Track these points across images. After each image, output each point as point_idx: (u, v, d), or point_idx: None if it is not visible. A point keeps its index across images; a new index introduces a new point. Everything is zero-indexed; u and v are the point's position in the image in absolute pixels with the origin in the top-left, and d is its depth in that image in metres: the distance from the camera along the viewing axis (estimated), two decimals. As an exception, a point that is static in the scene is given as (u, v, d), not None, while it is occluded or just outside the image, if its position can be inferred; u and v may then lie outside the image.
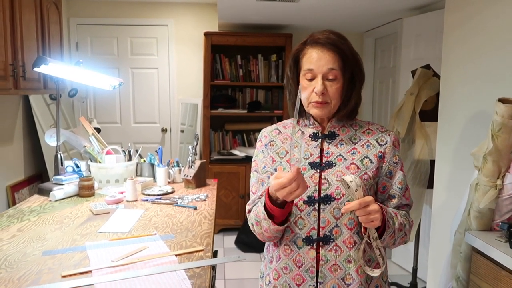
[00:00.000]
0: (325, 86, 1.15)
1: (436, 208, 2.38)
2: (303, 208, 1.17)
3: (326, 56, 1.15)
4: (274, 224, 1.14)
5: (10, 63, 2.24)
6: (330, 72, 1.15)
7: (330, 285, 1.16)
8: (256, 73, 4.25)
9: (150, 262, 1.35)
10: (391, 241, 1.17)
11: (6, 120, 2.95)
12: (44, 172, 3.40)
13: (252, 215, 1.23)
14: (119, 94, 4.33)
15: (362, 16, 3.55)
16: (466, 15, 2.09)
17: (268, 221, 1.13)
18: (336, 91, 1.16)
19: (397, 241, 1.19)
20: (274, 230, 1.15)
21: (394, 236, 1.16)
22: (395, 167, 1.21)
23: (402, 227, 1.18)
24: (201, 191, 2.33)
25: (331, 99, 1.17)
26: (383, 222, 1.11)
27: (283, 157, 1.24)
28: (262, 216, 1.15)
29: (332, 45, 1.15)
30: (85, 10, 4.18)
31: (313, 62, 1.16)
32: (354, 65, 1.19)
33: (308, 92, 1.17)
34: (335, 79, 1.16)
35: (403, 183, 1.22)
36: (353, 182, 1.06)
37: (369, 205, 1.05)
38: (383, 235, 1.13)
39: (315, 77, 1.16)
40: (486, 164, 1.63)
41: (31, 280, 1.23)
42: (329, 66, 1.15)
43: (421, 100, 2.64)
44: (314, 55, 1.16)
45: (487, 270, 1.56)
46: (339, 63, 1.16)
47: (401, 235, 1.18)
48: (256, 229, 1.22)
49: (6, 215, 1.86)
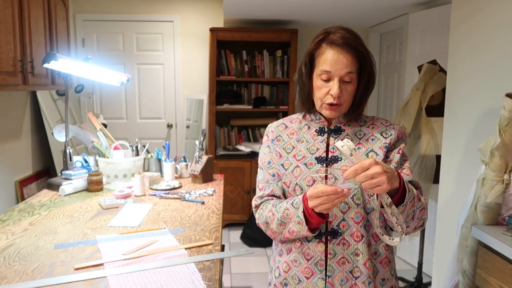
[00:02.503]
0: (341, 89, 1.15)
1: (442, 203, 2.39)
2: None
3: (344, 59, 1.13)
4: (309, 230, 1.13)
5: (19, 59, 2.26)
6: (347, 75, 1.14)
7: (338, 278, 1.17)
8: (262, 69, 4.25)
9: (160, 256, 1.37)
10: (411, 211, 1.08)
11: (15, 116, 2.97)
12: (51, 167, 3.43)
13: (269, 213, 1.21)
14: (125, 90, 4.35)
15: (368, 11, 3.54)
16: (473, 10, 2.09)
17: (304, 226, 1.12)
18: (350, 93, 1.17)
19: (416, 215, 1.11)
20: (304, 235, 1.15)
21: (414, 204, 1.08)
22: (393, 152, 1.21)
23: (420, 196, 1.12)
24: (208, 186, 2.35)
25: (344, 101, 1.17)
26: (401, 186, 1.03)
27: (290, 152, 1.25)
28: (297, 220, 1.13)
29: (350, 47, 1.14)
30: (91, 6, 4.20)
31: (330, 64, 1.14)
32: (371, 67, 1.18)
33: (323, 93, 1.17)
34: (350, 82, 1.16)
35: (398, 163, 1.19)
36: (345, 146, 0.98)
37: (370, 168, 0.96)
38: (402, 202, 1.04)
39: (332, 79, 1.15)
40: (493, 158, 1.64)
41: (45, 272, 1.25)
42: (347, 69, 1.13)
43: (427, 96, 2.64)
44: (331, 56, 1.14)
45: (493, 264, 1.57)
46: (357, 66, 1.15)
47: (420, 206, 1.11)
48: (275, 228, 1.19)
49: (17, 209, 1.88)
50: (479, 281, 1.66)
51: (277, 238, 1.24)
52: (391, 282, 1.23)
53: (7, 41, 2.15)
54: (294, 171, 1.20)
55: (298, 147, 1.25)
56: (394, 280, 1.25)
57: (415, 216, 1.12)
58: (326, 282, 1.18)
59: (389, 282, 1.23)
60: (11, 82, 2.20)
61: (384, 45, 4.20)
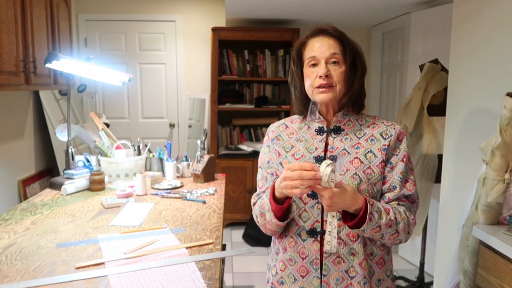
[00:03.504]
0: (328, 69, 1.18)
1: (443, 202, 2.39)
2: (307, 201, 1.19)
3: (327, 43, 1.20)
4: (275, 218, 1.17)
5: (21, 59, 2.27)
6: (332, 56, 1.18)
7: (334, 277, 1.18)
8: (264, 68, 4.26)
9: (161, 255, 1.38)
10: (377, 235, 1.13)
11: (18, 116, 2.99)
12: (54, 167, 3.45)
13: (257, 207, 1.27)
14: (127, 90, 4.36)
15: (369, 10, 3.54)
16: (475, 9, 2.08)
17: (271, 213, 1.17)
18: (340, 74, 1.19)
19: (386, 237, 1.15)
20: (275, 224, 1.19)
21: (380, 231, 1.12)
22: (396, 158, 1.20)
23: (392, 223, 1.13)
24: (209, 185, 2.36)
25: (336, 82, 1.19)
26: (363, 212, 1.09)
27: (289, 151, 1.26)
28: (267, 208, 1.18)
29: (332, 30, 1.21)
30: (93, 6, 4.21)
31: (315, 49, 1.20)
32: (355, 50, 1.22)
33: (312, 78, 1.20)
34: (338, 62, 1.19)
35: (403, 173, 1.19)
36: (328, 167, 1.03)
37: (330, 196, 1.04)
38: (361, 225, 1.10)
39: (318, 63, 1.19)
40: (494, 158, 1.63)
41: (46, 271, 1.26)
42: (331, 50, 1.18)
43: (429, 95, 2.63)
44: (316, 43, 1.21)
45: (494, 263, 1.57)
46: (340, 47, 1.20)
47: (390, 231, 1.13)
48: (260, 221, 1.25)
49: (19, 208, 1.89)
50: (480, 280, 1.66)
51: (267, 232, 1.26)
52: (387, 283, 1.23)
53: (10, 41, 2.16)
54: None
55: (297, 146, 1.25)
56: (390, 281, 1.25)
57: (384, 238, 1.16)
58: (322, 281, 1.18)
59: (385, 283, 1.22)
60: (14, 82, 2.21)
61: (386, 44, 4.19)
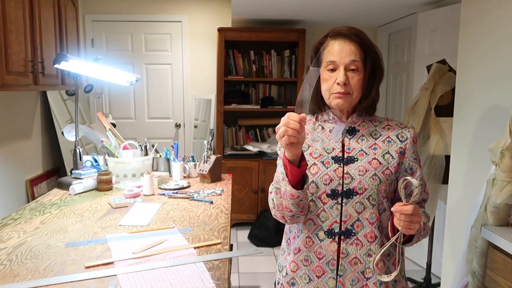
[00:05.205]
0: (347, 77, 1.16)
1: (451, 203, 2.37)
2: (326, 201, 1.18)
3: (348, 48, 1.17)
4: (289, 184, 1.08)
5: (29, 59, 2.29)
6: (352, 63, 1.16)
7: (349, 278, 1.18)
8: (269, 69, 4.26)
9: (169, 255, 1.38)
10: (413, 242, 1.19)
11: (25, 116, 3.01)
12: (61, 167, 3.47)
13: (272, 187, 1.19)
14: (134, 90, 4.38)
15: (376, 11, 3.53)
16: (483, 9, 2.07)
17: (286, 181, 1.08)
18: (358, 82, 1.17)
19: (414, 240, 1.19)
20: (289, 194, 1.09)
21: (419, 237, 1.18)
22: (416, 163, 1.22)
23: (426, 226, 1.18)
24: (216, 185, 2.36)
25: (353, 90, 1.17)
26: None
27: (305, 150, 1.24)
28: (281, 177, 1.10)
29: (354, 36, 1.17)
30: (100, 7, 4.23)
31: (335, 53, 1.17)
32: (375, 57, 1.20)
33: (330, 83, 1.18)
34: (356, 70, 1.17)
35: (423, 179, 1.23)
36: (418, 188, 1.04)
37: (414, 213, 1.04)
38: (413, 238, 1.16)
39: (337, 68, 1.17)
40: (503, 159, 1.63)
41: (56, 270, 1.27)
42: (351, 57, 1.16)
43: (437, 95, 2.62)
44: (336, 47, 1.18)
45: (503, 265, 1.56)
46: (361, 54, 1.17)
47: (424, 234, 1.19)
48: (276, 200, 1.16)
49: (28, 208, 1.91)
50: (489, 282, 1.65)
51: (284, 212, 1.16)
52: (402, 283, 1.24)
53: (18, 41, 2.18)
54: (311, 169, 1.20)
55: (313, 145, 1.24)
56: (404, 281, 1.26)
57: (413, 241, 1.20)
58: (337, 282, 1.18)
59: (400, 284, 1.23)
60: (22, 82, 2.23)
61: (393, 45, 4.18)
